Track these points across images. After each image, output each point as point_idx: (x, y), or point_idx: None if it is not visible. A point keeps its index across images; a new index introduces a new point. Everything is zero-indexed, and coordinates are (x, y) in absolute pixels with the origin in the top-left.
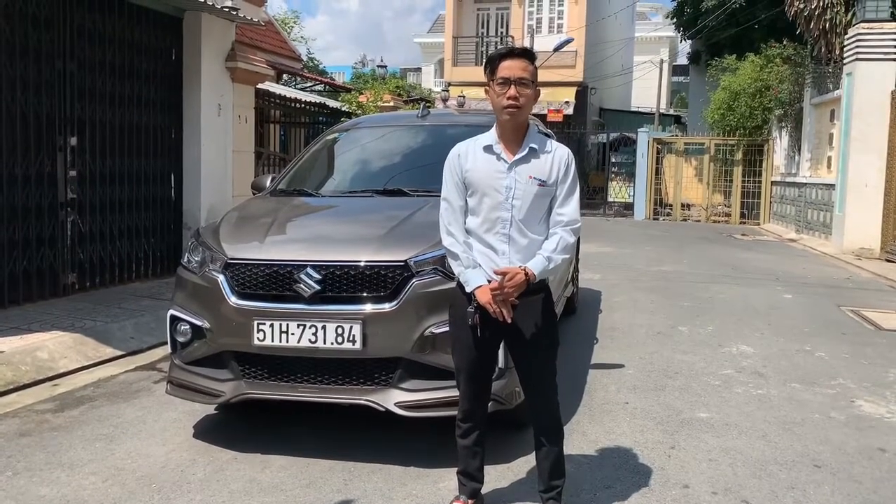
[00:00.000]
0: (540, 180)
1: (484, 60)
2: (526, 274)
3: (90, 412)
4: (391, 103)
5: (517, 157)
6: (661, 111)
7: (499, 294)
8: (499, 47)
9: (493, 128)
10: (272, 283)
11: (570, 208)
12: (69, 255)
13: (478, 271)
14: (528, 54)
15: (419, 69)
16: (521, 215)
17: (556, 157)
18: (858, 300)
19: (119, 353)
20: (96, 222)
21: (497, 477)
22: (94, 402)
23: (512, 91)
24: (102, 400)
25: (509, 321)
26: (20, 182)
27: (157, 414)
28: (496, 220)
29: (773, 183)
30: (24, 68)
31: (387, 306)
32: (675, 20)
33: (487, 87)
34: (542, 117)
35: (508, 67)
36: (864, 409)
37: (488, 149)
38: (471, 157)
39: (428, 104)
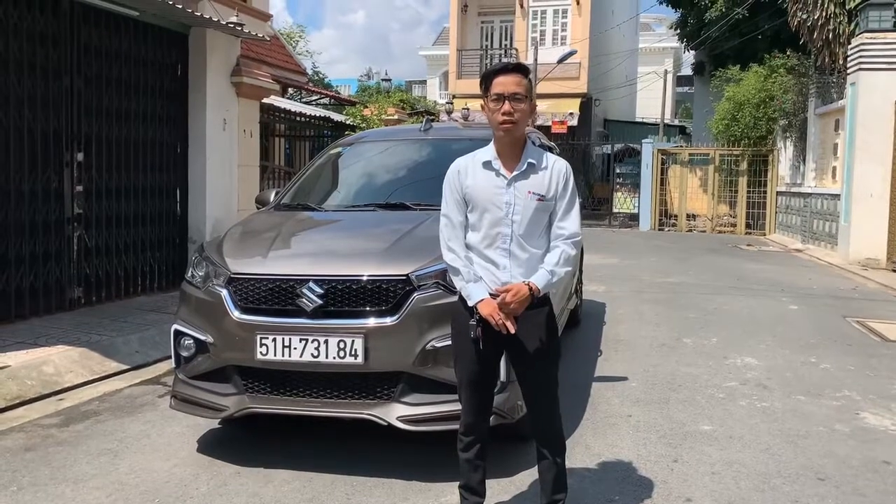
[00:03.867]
0: (539, 195)
1: None
2: (530, 288)
3: (95, 427)
4: (395, 116)
5: (516, 172)
6: (666, 122)
7: (504, 308)
8: (494, 63)
9: (491, 143)
10: (275, 297)
11: (570, 222)
12: (75, 270)
13: (479, 285)
14: (521, 69)
15: (424, 81)
16: (522, 230)
17: (555, 171)
18: (864, 311)
19: (124, 367)
20: (102, 237)
21: (499, 491)
22: (98, 416)
23: (506, 107)
24: (107, 414)
25: (513, 331)
26: (27, 198)
27: (161, 428)
28: (496, 236)
29: (778, 193)
30: (31, 85)
31: (388, 320)
32: (678, 31)
33: (483, 104)
34: (547, 129)
35: (502, 83)
36: (869, 421)
37: (487, 165)
38: (470, 174)
39: (432, 117)
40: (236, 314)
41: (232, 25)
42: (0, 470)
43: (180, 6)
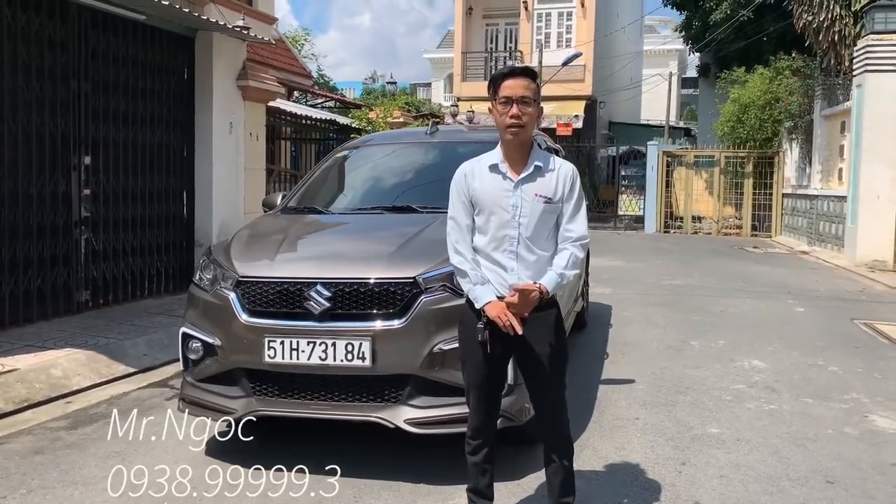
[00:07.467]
0: (546, 198)
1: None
2: (540, 291)
3: (103, 429)
4: (401, 119)
5: (523, 175)
6: (671, 124)
7: (511, 308)
8: (500, 67)
9: (498, 146)
10: (283, 300)
11: (577, 224)
12: (83, 273)
13: (487, 287)
14: (529, 73)
15: (429, 84)
16: (529, 233)
17: (561, 173)
18: (872, 313)
19: (132, 370)
20: (109, 240)
21: (507, 493)
22: (107, 419)
23: (514, 110)
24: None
25: (520, 332)
26: (35, 201)
27: (170, 431)
28: (504, 238)
29: (784, 195)
30: (39, 89)
31: (396, 323)
32: (683, 33)
33: (490, 107)
34: (552, 131)
35: (510, 87)
36: (877, 423)
37: (494, 168)
38: (477, 177)
39: (437, 120)
40: (244, 317)
41: (238, 29)
42: (9, 473)
43: (187, 10)
